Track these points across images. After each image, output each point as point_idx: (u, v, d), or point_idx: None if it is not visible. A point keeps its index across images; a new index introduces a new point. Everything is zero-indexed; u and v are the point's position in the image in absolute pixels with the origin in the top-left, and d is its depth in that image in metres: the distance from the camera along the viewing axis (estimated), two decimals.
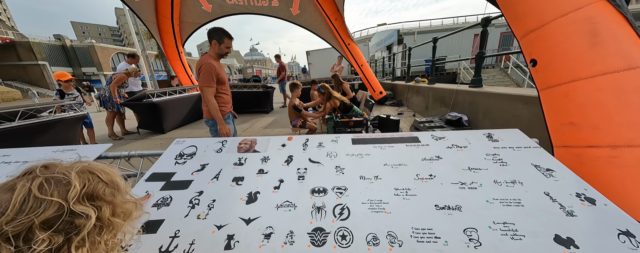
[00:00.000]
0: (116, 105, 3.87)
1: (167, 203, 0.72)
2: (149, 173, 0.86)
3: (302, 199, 0.76)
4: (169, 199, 0.74)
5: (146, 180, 0.83)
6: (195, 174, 0.85)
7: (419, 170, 0.89)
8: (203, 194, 0.75)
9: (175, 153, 0.98)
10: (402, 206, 0.75)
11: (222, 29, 1.68)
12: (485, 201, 0.74)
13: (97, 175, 0.43)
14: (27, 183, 0.36)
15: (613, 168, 0.93)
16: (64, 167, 0.42)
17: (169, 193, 0.76)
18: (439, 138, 1.05)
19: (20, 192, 0.35)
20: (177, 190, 0.77)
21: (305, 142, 1.06)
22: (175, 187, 0.79)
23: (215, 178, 0.83)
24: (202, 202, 0.72)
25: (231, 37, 1.71)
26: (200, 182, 0.81)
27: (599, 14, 0.97)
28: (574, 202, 0.70)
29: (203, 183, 0.80)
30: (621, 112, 0.92)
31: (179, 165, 0.91)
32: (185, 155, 0.96)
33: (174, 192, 0.77)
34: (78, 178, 0.40)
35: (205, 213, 0.68)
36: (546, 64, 1.13)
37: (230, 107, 1.99)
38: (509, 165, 0.86)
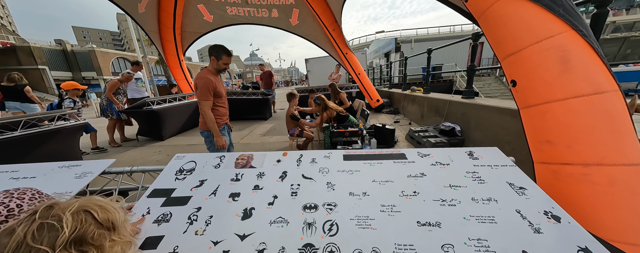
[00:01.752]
0: (116, 112, 3.91)
1: (167, 219, 0.77)
2: (150, 189, 0.92)
3: (294, 215, 0.82)
4: (169, 215, 0.79)
5: (148, 197, 0.88)
6: (194, 190, 0.90)
7: (404, 186, 0.95)
8: (201, 210, 0.81)
9: (175, 169, 1.03)
10: (387, 222, 0.81)
11: (222, 46, 1.77)
12: (463, 218, 0.80)
13: (93, 215, 0.45)
14: (24, 228, 0.39)
15: (585, 185, 1.00)
16: (62, 207, 0.44)
17: (169, 210, 0.81)
18: (425, 155, 1.12)
19: (15, 240, 0.37)
20: (176, 206, 0.83)
21: (299, 158, 1.12)
22: (175, 203, 0.84)
23: (213, 194, 0.89)
24: (200, 218, 0.78)
25: (230, 55, 1.80)
26: (198, 198, 0.86)
27: (569, 43, 1.06)
28: (541, 219, 0.76)
29: (201, 199, 0.86)
30: (591, 132, 1.00)
31: (179, 181, 0.96)
32: (185, 171, 1.02)
33: (174, 208, 0.82)
34: (71, 222, 0.42)
35: (202, 229, 0.74)
36: (525, 85, 1.22)
37: (226, 119, 2.06)
38: (486, 182, 0.93)
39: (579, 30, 1.06)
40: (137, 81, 4.28)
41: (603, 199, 0.96)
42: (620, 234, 0.93)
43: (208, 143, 1.91)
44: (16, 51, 26.17)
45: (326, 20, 5.08)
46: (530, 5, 1.14)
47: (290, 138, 3.17)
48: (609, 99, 0.99)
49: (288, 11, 5.08)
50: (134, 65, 4.24)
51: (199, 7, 4.63)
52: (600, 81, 1.01)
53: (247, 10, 4.91)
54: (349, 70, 6.11)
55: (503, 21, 1.25)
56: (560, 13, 1.09)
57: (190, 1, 4.48)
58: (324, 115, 3.12)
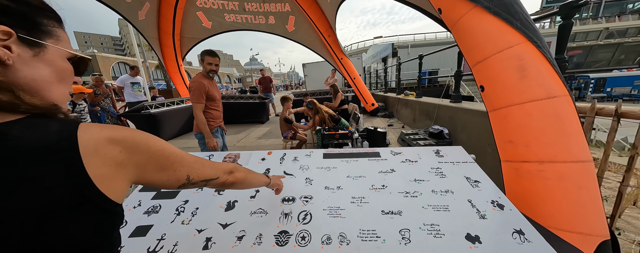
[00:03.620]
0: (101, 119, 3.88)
1: (156, 210, 0.87)
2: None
3: (273, 206, 0.92)
4: (159, 207, 0.89)
5: (139, 191, 0.98)
6: None
7: (375, 181, 1.05)
8: (188, 203, 0.91)
9: None
10: (355, 212, 0.91)
11: (206, 49, 1.90)
12: (422, 207, 0.91)
13: None
14: None
15: (541, 180, 1.10)
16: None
17: (158, 202, 0.91)
18: (397, 153, 1.22)
19: None
20: (165, 199, 0.93)
21: (283, 156, 1.23)
22: (165, 196, 0.94)
23: (200, 189, 0.99)
24: (187, 209, 0.88)
25: (212, 54, 1.89)
26: (186, 192, 0.96)
27: (525, 52, 1.19)
28: (488, 207, 0.87)
29: (189, 193, 0.96)
30: (544, 133, 1.11)
31: None
32: None
33: (163, 201, 0.92)
34: None
35: (188, 219, 0.83)
36: (491, 90, 1.33)
37: (219, 122, 2.17)
38: (447, 177, 1.03)
39: (533, 41, 1.19)
40: (134, 85, 4.39)
41: (555, 193, 1.06)
42: (569, 224, 1.03)
43: (201, 145, 2.01)
44: None
45: (321, 27, 5.24)
46: (493, 19, 1.27)
47: (283, 141, 3.27)
48: (560, 103, 1.11)
49: (284, 18, 5.25)
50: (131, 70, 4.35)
51: (198, 14, 4.79)
52: (552, 87, 1.13)
53: (245, 17, 5.08)
54: (344, 75, 6.26)
55: (471, 32, 1.38)
56: (517, 26, 1.22)
57: (189, 8, 4.64)
58: (316, 119, 3.23)
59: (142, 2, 3.72)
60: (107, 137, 0.37)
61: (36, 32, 0.36)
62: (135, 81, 4.48)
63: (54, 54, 0.38)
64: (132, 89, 4.43)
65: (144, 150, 0.41)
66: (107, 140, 0.36)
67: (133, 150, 0.39)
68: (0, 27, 0.31)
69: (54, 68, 0.38)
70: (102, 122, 3.85)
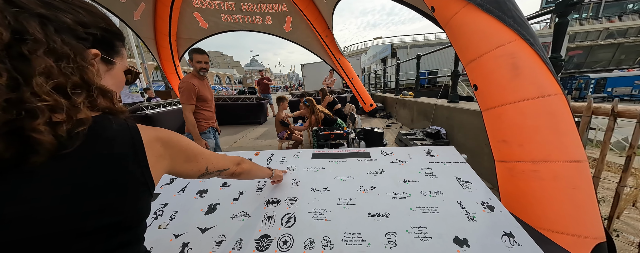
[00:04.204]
0: None
1: None
2: None
3: (256, 209, 0.89)
4: None
5: None
6: (163, 187, 0.98)
7: (363, 182, 1.02)
8: (167, 206, 0.87)
9: None
10: (341, 214, 0.88)
11: (194, 48, 1.87)
12: (410, 209, 0.87)
13: None
14: None
15: (535, 180, 1.07)
16: None
17: None
18: (387, 153, 1.19)
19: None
20: None
21: (270, 157, 1.20)
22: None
23: (182, 191, 0.96)
24: (166, 213, 0.85)
25: (200, 52, 1.85)
26: (167, 195, 0.93)
27: (518, 50, 1.16)
28: (477, 209, 0.83)
29: (169, 196, 0.93)
30: (538, 132, 1.08)
31: None
32: None
33: None
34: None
35: (166, 224, 0.80)
36: (484, 89, 1.31)
37: (212, 123, 2.14)
38: (437, 177, 1.00)
39: (526, 39, 1.16)
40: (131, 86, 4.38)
41: (549, 193, 1.03)
42: (564, 226, 1.00)
43: None
44: None
45: (318, 27, 5.22)
46: (485, 17, 1.24)
47: (279, 142, 3.25)
48: (553, 101, 1.08)
49: (281, 18, 5.24)
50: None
51: (194, 14, 4.78)
52: (545, 85, 1.10)
53: (242, 17, 5.07)
54: (342, 75, 6.24)
55: (463, 30, 1.35)
56: (510, 23, 1.19)
57: (185, 9, 4.63)
58: (312, 118, 3.21)
59: (137, 3, 3.71)
60: (155, 135, 0.46)
61: (112, 53, 0.46)
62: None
63: (118, 69, 0.48)
64: (129, 89, 4.42)
65: (175, 145, 0.49)
66: (155, 137, 0.45)
67: (168, 146, 0.48)
68: (93, 51, 0.40)
69: (115, 80, 0.48)
70: None
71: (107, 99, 0.41)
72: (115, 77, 0.48)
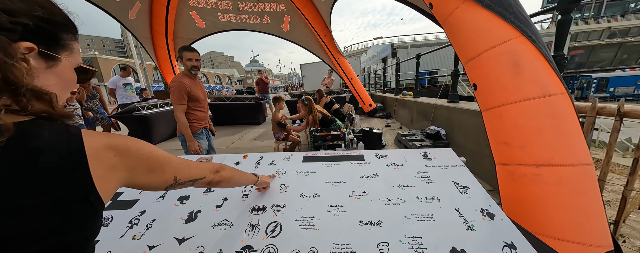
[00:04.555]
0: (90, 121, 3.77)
1: (106, 223, 0.78)
2: None
3: (240, 217, 0.83)
4: (110, 219, 0.80)
5: None
6: (142, 193, 0.92)
7: (355, 187, 0.97)
8: (144, 214, 0.82)
9: None
10: (330, 222, 0.82)
11: (182, 46, 1.81)
12: (404, 216, 0.82)
13: None
14: None
15: (537, 185, 1.02)
16: None
17: (110, 214, 0.83)
18: (381, 156, 1.14)
19: None
20: (120, 209, 0.84)
21: (259, 160, 1.14)
22: (119, 206, 0.85)
23: (161, 198, 0.90)
24: (142, 222, 0.79)
25: (190, 50, 1.79)
26: (145, 202, 0.88)
27: (519, 48, 1.10)
28: (476, 217, 0.78)
29: (148, 202, 0.88)
30: (541, 134, 1.02)
31: None
32: None
33: (116, 211, 0.83)
34: None
35: (141, 233, 0.75)
36: (484, 89, 1.25)
37: (205, 124, 2.08)
38: (433, 182, 0.94)
39: (528, 36, 1.10)
40: (126, 87, 4.32)
41: (553, 199, 0.98)
42: (568, 233, 0.94)
43: (184, 147, 1.93)
44: None
45: (317, 26, 5.17)
46: (485, 13, 1.18)
47: (276, 143, 3.20)
48: (557, 101, 1.02)
49: (279, 18, 5.19)
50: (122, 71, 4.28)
51: (191, 14, 4.73)
52: (548, 84, 1.04)
53: (239, 16, 5.02)
54: (341, 75, 6.18)
55: (462, 27, 1.30)
56: (511, 19, 1.13)
57: (182, 8, 4.59)
58: (309, 118, 3.15)
59: (132, 2, 3.66)
60: (106, 142, 0.40)
61: (55, 47, 0.39)
62: (127, 82, 4.40)
63: (65, 66, 0.41)
64: (124, 90, 4.36)
65: (134, 154, 0.43)
66: (106, 146, 0.39)
67: (124, 154, 0.42)
68: (23, 44, 0.34)
69: (61, 78, 0.41)
70: (90, 124, 3.78)
71: (43, 101, 0.35)
72: (60, 76, 0.41)
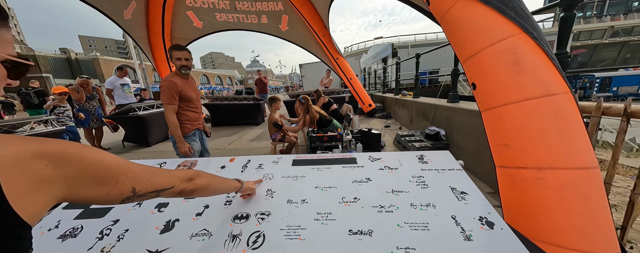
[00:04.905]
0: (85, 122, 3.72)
1: (75, 234, 0.73)
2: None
3: (221, 227, 0.78)
4: (79, 229, 0.75)
5: (64, 208, 0.84)
6: None
7: (346, 192, 0.91)
8: (118, 223, 0.77)
9: None
10: (318, 232, 0.77)
11: (172, 44, 1.75)
12: (397, 225, 0.76)
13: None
14: None
15: (539, 189, 0.96)
16: None
17: (80, 223, 0.77)
18: (375, 159, 1.08)
19: None
20: (91, 218, 0.79)
21: (246, 164, 1.09)
22: (91, 215, 0.80)
23: (138, 205, 0.85)
24: (113, 232, 0.74)
25: (179, 48, 1.73)
26: (120, 210, 0.83)
27: (520, 45, 1.04)
28: (474, 226, 0.72)
29: (123, 210, 0.82)
30: (543, 135, 0.97)
31: None
32: None
33: (87, 221, 0.78)
34: None
35: (111, 246, 0.69)
36: (483, 88, 1.19)
37: (198, 125, 2.03)
38: (429, 187, 0.89)
39: (529, 33, 1.05)
40: (124, 87, 4.28)
41: (556, 204, 0.92)
42: (573, 241, 0.88)
43: (176, 149, 1.88)
44: None
45: (315, 26, 5.12)
46: (484, 9, 1.13)
47: (272, 144, 3.14)
48: (560, 101, 0.97)
49: (277, 17, 5.14)
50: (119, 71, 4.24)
51: (188, 13, 4.69)
52: (551, 83, 0.98)
53: (236, 16, 4.97)
54: (340, 75, 6.13)
55: (460, 24, 1.24)
56: (511, 15, 1.08)
57: (179, 8, 4.54)
58: (307, 118, 3.10)
59: (127, 1, 3.62)
60: (34, 149, 0.34)
61: None
62: (124, 82, 4.37)
63: None
64: (122, 90, 4.33)
65: (75, 162, 0.37)
66: (33, 153, 0.33)
67: (61, 164, 0.36)
68: None
69: None
70: (85, 125, 3.74)
71: None
72: None
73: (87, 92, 3.72)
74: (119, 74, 4.28)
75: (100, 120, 3.91)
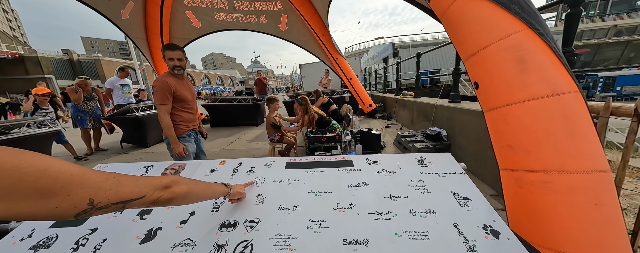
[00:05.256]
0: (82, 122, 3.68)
1: (48, 244, 0.68)
2: None
3: (206, 236, 0.73)
4: (53, 239, 0.70)
5: None
6: None
7: (342, 198, 0.86)
8: (95, 232, 0.72)
9: None
10: (310, 241, 0.72)
11: (164, 44, 1.71)
12: (395, 234, 0.71)
13: None
14: None
15: (547, 193, 0.91)
16: None
17: (56, 232, 0.72)
18: (373, 162, 1.03)
19: None
20: (68, 227, 0.74)
21: (237, 167, 1.04)
22: (68, 223, 0.75)
23: (119, 212, 0.81)
24: (90, 242, 0.69)
25: (171, 48, 1.69)
26: (98, 218, 0.78)
27: (525, 42, 0.99)
28: (478, 235, 0.67)
29: (102, 218, 0.77)
30: (550, 137, 0.91)
31: None
32: None
33: (63, 229, 0.73)
34: None
35: None
36: (486, 87, 1.14)
37: (193, 126, 1.99)
38: (429, 192, 0.84)
39: (535, 29, 1.00)
40: (124, 87, 4.26)
41: (565, 210, 0.87)
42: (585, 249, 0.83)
43: (170, 150, 1.84)
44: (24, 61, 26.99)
45: (315, 26, 5.07)
46: (487, 4, 1.08)
47: (270, 145, 3.10)
48: (568, 100, 0.91)
49: (276, 17, 5.10)
50: (121, 71, 4.22)
51: (186, 13, 4.66)
52: (558, 82, 0.93)
53: (235, 16, 4.93)
54: (340, 75, 6.08)
55: (462, 21, 1.19)
56: (515, 11, 1.03)
57: (177, 7, 4.51)
58: (305, 118, 3.05)
59: (124, 1, 3.59)
60: None
61: None
62: (125, 83, 4.34)
63: None
64: (121, 90, 4.30)
65: (10, 172, 0.31)
66: None
67: None
68: None
69: None
70: (83, 125, 3.70)
71: None
72: None
73: (86, 93, 3.68)
74: (120, 75, 4.26)
75: (99, 121, 3.87)
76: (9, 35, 41.27)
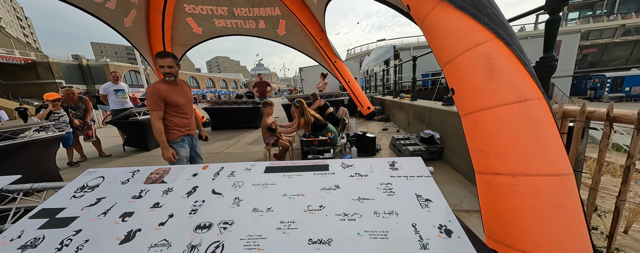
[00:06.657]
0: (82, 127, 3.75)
1: (35, 245, 0.74)
2: (38, 208, 0.90)
3: (181, 237, 0.78)
4: (40, 240, 0.76)
5: (30, 218, 0.85)
6: (85, 209, 0.88)
7: (313, 200, 0.90)
8: (79, 233, 0.77)
9: (78, 186, 1.02)
10: (277, 241, 0.77)
11: (157, 52, 1.78)
12: (357, 233, 0.75)
13: None
14: None
15: (513, 196, 0.94)
16: None
17: (43, 233, 0.78)
18: (347, 166, 1.07)
19: None
20: (55, 228, 0.80)
21: (218, 171, 1.10)
22: (55, 225, 0.81)
23: (103, 214, 0.86)
24: (74, 243, 0.74)
25: (161, 56, 1.75)
26: (85, 219, 0.84)
27: (493, 51, 1.04)
28: (433, 234, 0.71)
29: (87, 220, 0.84)
30: (516, 141, 0.95)
31: (75, 199, 0.95)
32: (87, 188, 1.01)
33: (50, 231, 0.79)
34: None
35: None
36: (460, 94, 1.18)
37: (187, 131, 2.05)
38: (395, 194, 0.87)
39: (502, 38, 1.04)
40: (118, 93, 4.34)
41: (529, 211, 0.90)
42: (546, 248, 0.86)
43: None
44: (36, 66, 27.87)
45: (312, 30, 5.16)
46: (459, 15, 1.13)
47: (265, 148, 3.16)
48: (533, 107, 0.95)
49: (275, 22, 5.21)
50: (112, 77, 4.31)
51: (187, 20, 4.81)
52: (523, 89, 0.97)
53: (235, 22, 5.06)
54: (338, 78, 6.14)
55: (438, 30, 1.25)
56: (485, 21, 1.08)
57: (178, 15, 4.66)
58: (301, 121, 3.11)
59: (127, 9, 3.74)
60: None
61: None
62: (119, 88, 4.39)
63: None
64: (116, 96, 4.36)
65: None
66: None
67: None
68: None
69: None
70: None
71: None
72: None
73: (72, 102, 3.68)
74: (113, 80, 4.36)
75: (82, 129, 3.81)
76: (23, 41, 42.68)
